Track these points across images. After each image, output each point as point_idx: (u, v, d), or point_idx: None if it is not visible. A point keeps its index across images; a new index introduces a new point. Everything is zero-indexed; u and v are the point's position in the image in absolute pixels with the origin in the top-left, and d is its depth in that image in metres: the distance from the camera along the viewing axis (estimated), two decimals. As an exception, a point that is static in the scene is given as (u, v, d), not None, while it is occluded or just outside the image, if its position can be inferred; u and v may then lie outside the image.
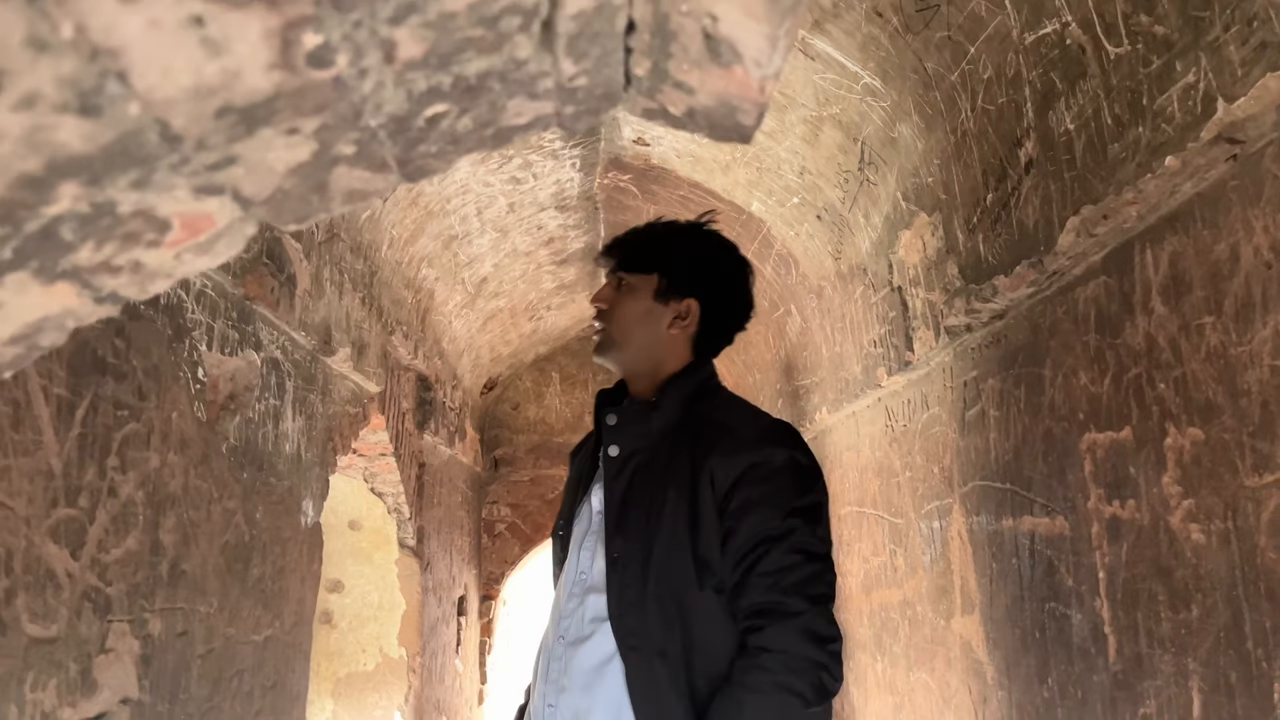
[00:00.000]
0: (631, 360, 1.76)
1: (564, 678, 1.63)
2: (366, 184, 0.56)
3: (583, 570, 1.69)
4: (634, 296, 1.74)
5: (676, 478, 1.63)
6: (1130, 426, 1.58)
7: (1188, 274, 1.41)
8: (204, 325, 1.83)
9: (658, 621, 1.57)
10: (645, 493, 1.64)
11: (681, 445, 1.66)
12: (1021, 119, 1.80)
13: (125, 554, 1.54)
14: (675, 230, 1.81)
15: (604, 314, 1.76)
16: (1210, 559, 1.37)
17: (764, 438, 1.64)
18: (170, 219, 0.50)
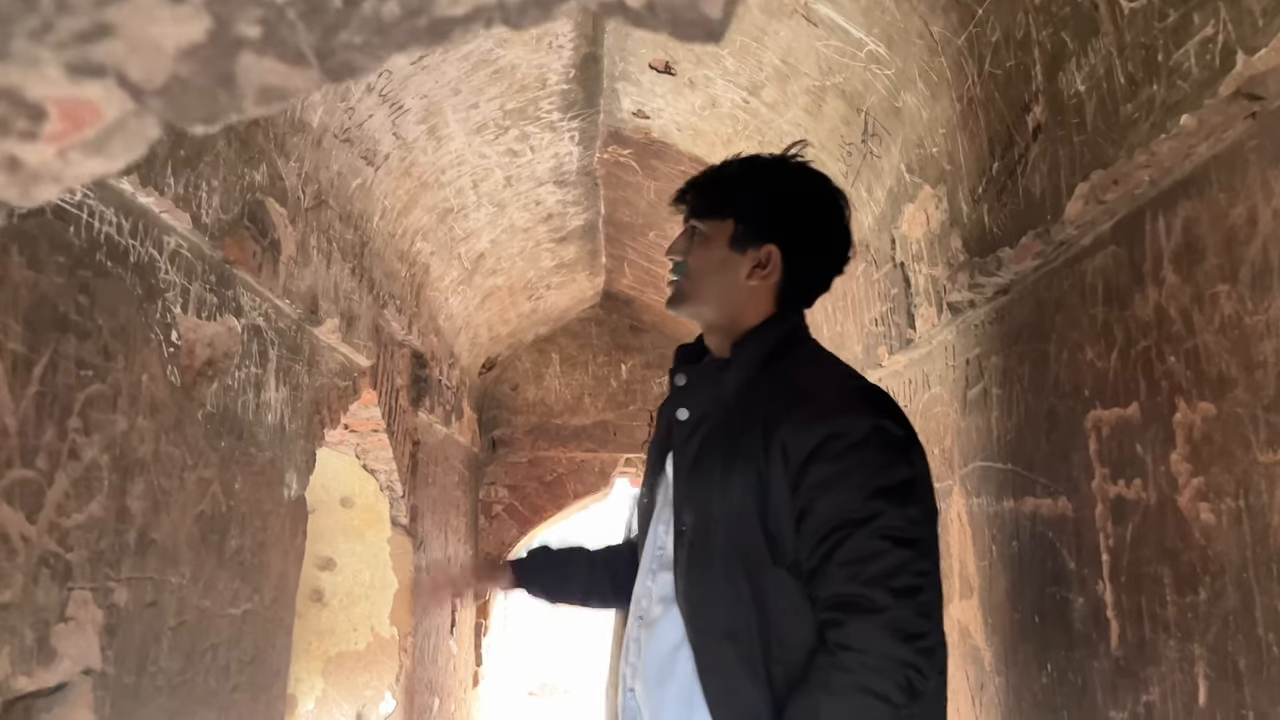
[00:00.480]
0: (709, 314, 1.62)
1: (639, 661, 1.54)
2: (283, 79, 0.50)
3: (659, 545, 1.58)
4: (708, 246, 1.60)
5: (747, 445, 1.47)
6: (1138, 402, 1.52)
7: (1201, 241, 1.34)
8: (178, 287, 1.77)
9: (726, 601, 1.45)
10: (714, 461, 1.51)
11: (754, 409, 1.50)
12: (1030, 83, 1.73)
13: (88, 519, 1.48)
14: (752, 167, 1.65)
15: (679, 266, 1.63)
16: (1220, 540, 1.30)
17: (844, 404, 1.48)
18: (44, 104, 0.44)
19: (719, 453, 1.51)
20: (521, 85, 2.95)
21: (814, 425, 1.43)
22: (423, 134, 2.89)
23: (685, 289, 1.61)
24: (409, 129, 2.80)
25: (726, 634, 1.44)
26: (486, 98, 2.93)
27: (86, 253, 1.46)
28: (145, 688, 1.67)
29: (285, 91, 0.52)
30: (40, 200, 0.50)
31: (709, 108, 3.00)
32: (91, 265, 1.48)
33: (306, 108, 2.27)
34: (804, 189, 1.63)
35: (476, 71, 2.75)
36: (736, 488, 1.47)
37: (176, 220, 1.71)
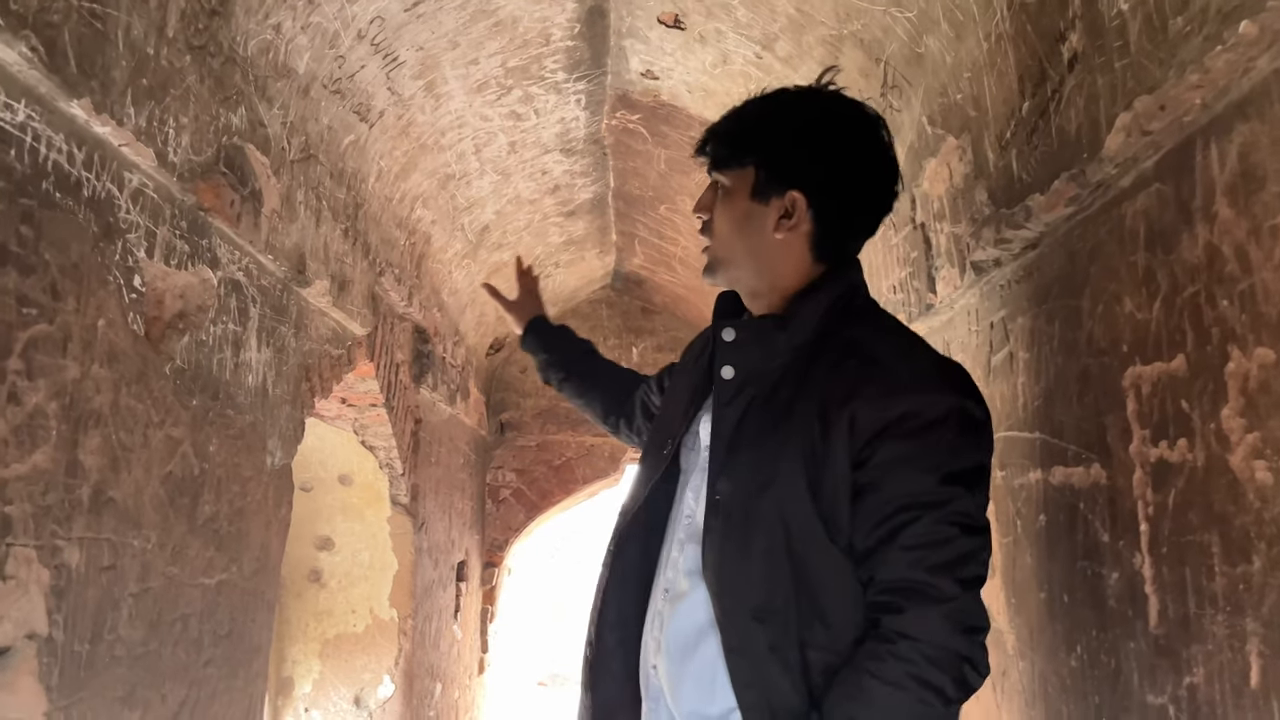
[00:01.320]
0: (747, 278, 1.46)
1: (662, 636, 1.41)
2: None
3: (688, 514, 1.44)
4: (731, 200, 1.44)
5: (802, 413, 1.33)
6: (1184, 354, 1.37)
7: (1260, 167, 1.19)
8: (142, 229, 1.65)
9: (761, 579, 1.31)
10: (762, 427, 1.36)
11: (813, 374, 1.36)
12: (1066, 9, 1.58)
13: (32, 471, 1.36)
14: (774, 104, 1.45)
15: (707, 226, 1.47)
16: (1278, 501, 1.16)
17: (925, 380, 1.35)
18: None
19: (769, 419, 1.37)
20: (524, 40, 2.82)
21: (891, 400, 1.30)
22: (420, 90, 2.76)
23: (716, 253, 1.46)
24: (405, 84, 2.68)
25: (755, 614, 1.31)
26: (487, 53, 2.79)
27: (30, 179, 1.34)
28: (101, 656, 1.55)
29: None
30: None
31: (720, 65, 2.85)
32: (36, 194, 1.35)
33: (291, 51, 2.14)
34: (828, 121, 1.44)
35: (475, 23, 2.62)
36: (787, 459, 1.32)
37: (139, 155, 1.59)
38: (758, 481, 1.34)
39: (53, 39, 1.32)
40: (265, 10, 1.97)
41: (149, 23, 1.58)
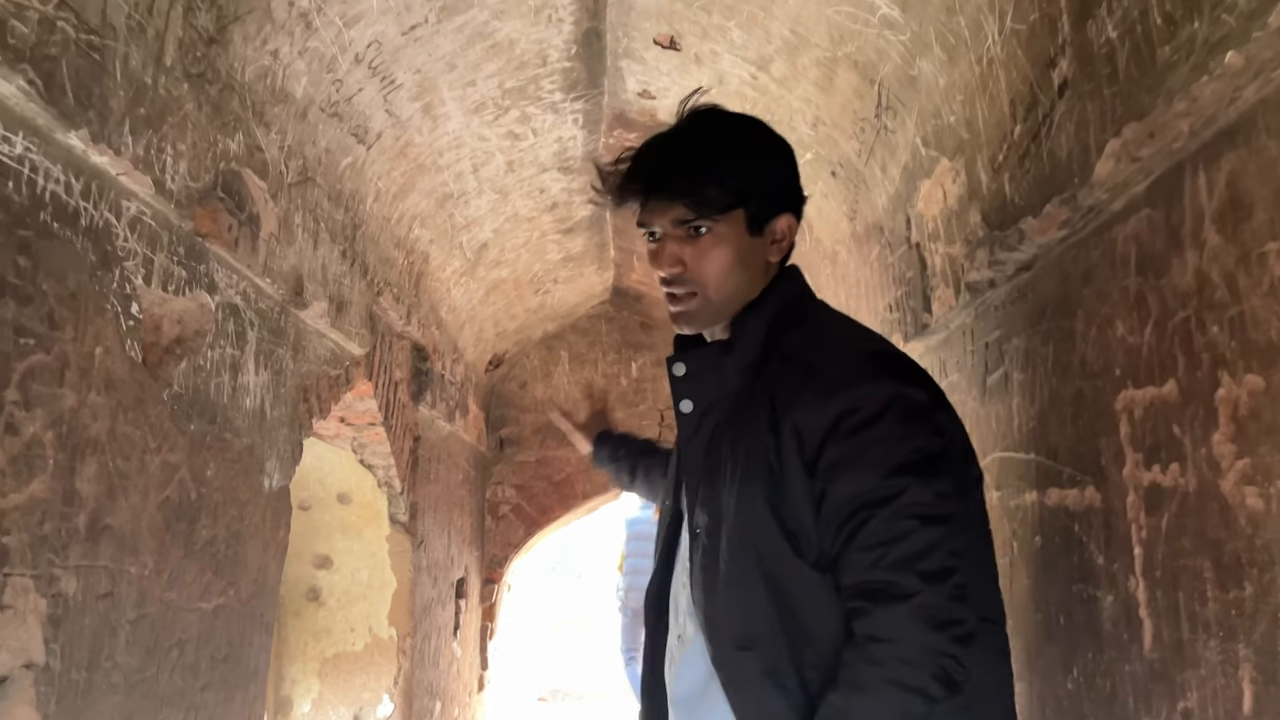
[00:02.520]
0: (731, 312, 1.44)
1: (673, 682, 1.46)
2: None
3: (684, 556, 1.46)
4: (721, 244, 1.38)
5: (754, 434, 1.34)
6: (1175, 379, 1.38)
7: (1249, 194, 1.20)
8: (140, 256, 1.66)
9: (738, 606, 1.31)
10: (723, 455, 1.37)
11: (760, 391, 1.36)
12: (1056, 35, 1.59)
13: (29, 500, 1.36)
14: (733, 142, 1.40)
15: (681, 279, 1.39)
16: (1269, 527, 1.17)
17: (858, 374, 1.32)
18: None
19: (728, 445, 1.38)
20: (521, 62, 2.83)
21: (826, 402, 1.29)
22: (417, 112, 2.78)
23: (710, 299, 1.40)
24: (402, 106, 2.69)
25: (739, 642, 1.31)
26: (484, 75, 2.81)
27: (28, 211, 1.35)
28: (98, 684, 1.56)
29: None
30: None
31: (716, 86, 2.87)
32: (34, 225, 1.36)
33: (289, 76, 2.15)
34: (770, 137, 1.47)
35: (472, 45, 2.63)
36: (748, 482, 1.33)
37: (136, 184, 1.60)
38: (725, 510, 1.35)
39: (51, 71, 1.34)
40: (263, 37, 1.98)
41: (147, 52, 1.59)
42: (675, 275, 1.39)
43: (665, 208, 1.37)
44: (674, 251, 1.38)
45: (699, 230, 1.37)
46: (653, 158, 1.40)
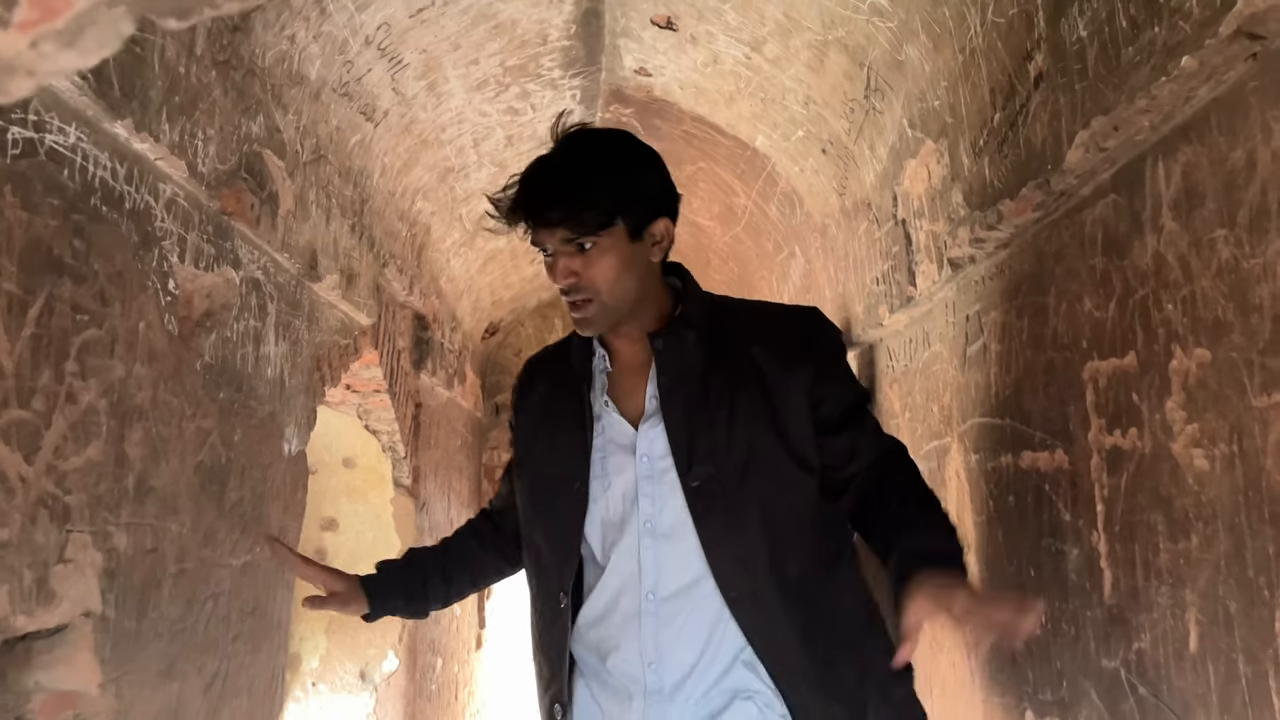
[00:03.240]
0: (632, 311, 1.59)
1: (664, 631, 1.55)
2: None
3: (647, 519, 1.56)
4: (607, 255, 1.51)
5: (744, 388, 1.57)
6: (1134, 351, 1.51)
7: (1201, 185, 1.33)
8: (175, 235, 1.77)
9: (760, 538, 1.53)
10: (714, 415, 1.56)
11: (732, 353, 1.60)
12: (1032, 30, 1.71)
13: (86, 463, 1.49)
14: (602, 162, 1.54)
15: (577, 288, 1.53)
16: (1213, 485, 1.30)
17: (819, 321, 1.69)
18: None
19: (716, 405, 1.56)
20: (522, 41, 2.93)
21: (818, 343, 1.64)
22: (422, 90, 2.87)
23: (605, 304, 1.54)
24: (408, 85, 2.79)
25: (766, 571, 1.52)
26: (487, 54, 2.91)
27: (81, 196, 1.46)
28: (146, 632, 1.69)
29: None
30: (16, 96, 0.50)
31: (711, 65, 2.97)
32: (86, 209, 1.47)
33: (304, 59, 2.25)
34: (648, 154, 1.61)
35: (476, 26, 2.73)
36: (753, 423, 1.56)
37: (172, 168, 1.71)
38: (734, 457, 1.54)
39: (100, 66, 1.44)
40: (281, 23, 2.08)
41: (180, 44, 1.70)
42: (570, 285, 1.52)
43: (551, 231, 1.50)
44: (566, 265, 1.51)
45: (584, 246, 1.50)
46: (533, 188, 1.53)
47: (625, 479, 1.59)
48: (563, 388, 1.68)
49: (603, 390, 1.65)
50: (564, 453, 1.63)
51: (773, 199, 3.63)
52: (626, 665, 1.56)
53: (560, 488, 1.62)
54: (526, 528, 1.72)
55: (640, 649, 1.55)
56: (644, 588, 1.56)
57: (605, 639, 1.59)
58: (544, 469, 1.67)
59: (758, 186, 3.59)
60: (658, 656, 1.55)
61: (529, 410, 1.76)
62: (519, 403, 1.80)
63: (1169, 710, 1.41)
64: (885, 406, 2.94)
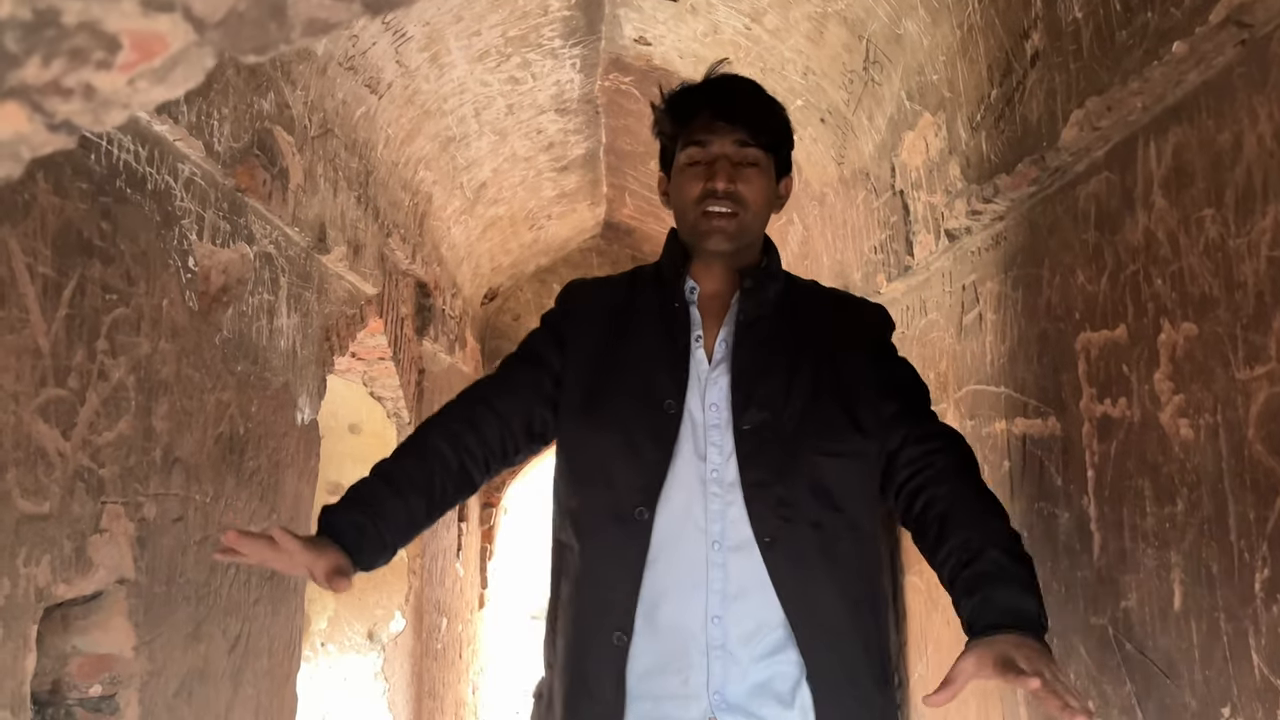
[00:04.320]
0: (753, 246, 1.63)
1: (730, 585, 1.48)
2: (328, 12, 0.54)
3: (714, 469, 1.51)
4: (764, 177, 1.58)
5: (812, 344, 1.59)
6: (1125, 324, 1.57)
7: (1190, 165, 1.38)
8: (194, 214, 1.81)
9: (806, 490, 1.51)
10: (776, 361, 1.56)
11: (804, 316, 1.63)
12: (1030, 9, 1.75)
13: (118, 437, 1.54)
14: (770, 97, 1.63)
15: (734, 195, 1.54)
16: (1198, 453, 1.37)
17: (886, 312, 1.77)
18: (119, 36, 0.49)
19: (780, 351, 1.57)
20: (524, 12, 2.95)
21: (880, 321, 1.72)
22: (425, 62, 2.90)
23: (740, 225, 1.56)
24: (411, 57, 2.81)
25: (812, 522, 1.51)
26: (488, 25, 2.93)
27: (107, 179, 1.50)
28: (175, 596, 1.76)
29: (329, 23, 0.56)
30: (110, 125, 0.55)
31: (711, 34, 3.00)
32: (112, 192, 1.52)
33: (311, 35, 2.28)
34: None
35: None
36: (818, 380, 1.56)
37: (190, 148, 1.75)
38: (791, 408, 1.54)
39: (122, 52, 1.48)
40: (290, 0, 2.10)
41: (196, 26, 1.73)
42: (730, 191, 1.54)
43: (730, 130, 1.54)
44: (729, 170, 1.54)
45: (750, 159, 1.56)
46: (728, 85, 1.60)
47: (696, 426, 1.54)
48: (647, 305, 1.62)
49: (697, 324, 1.60)
50: (655, 367, 1.55)
51: (771, 166, 3.66)
52: (683, 618, 1.47)
53: (648, 400, 1.53)
54: (579, 435, 1.57)
55: (705, 603, 1.47)
56: (709, 537, 1.49)
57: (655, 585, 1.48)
58: (629, 382, 1.55)
59: (756, 154, 3.63)
60: (724, 610, 1.47)
61: (592, 318, 1.63)
62: (574, 308, 1.66)
63: (1154, 665, 1.49)
64: (882, 372, 3.00)
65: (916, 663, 2.74)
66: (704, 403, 1.55)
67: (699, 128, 1.55)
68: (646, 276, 1.70)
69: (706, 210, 1.55)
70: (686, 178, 1.58)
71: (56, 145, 0.55)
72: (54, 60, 0.48)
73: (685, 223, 1.61)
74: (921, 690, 2.70)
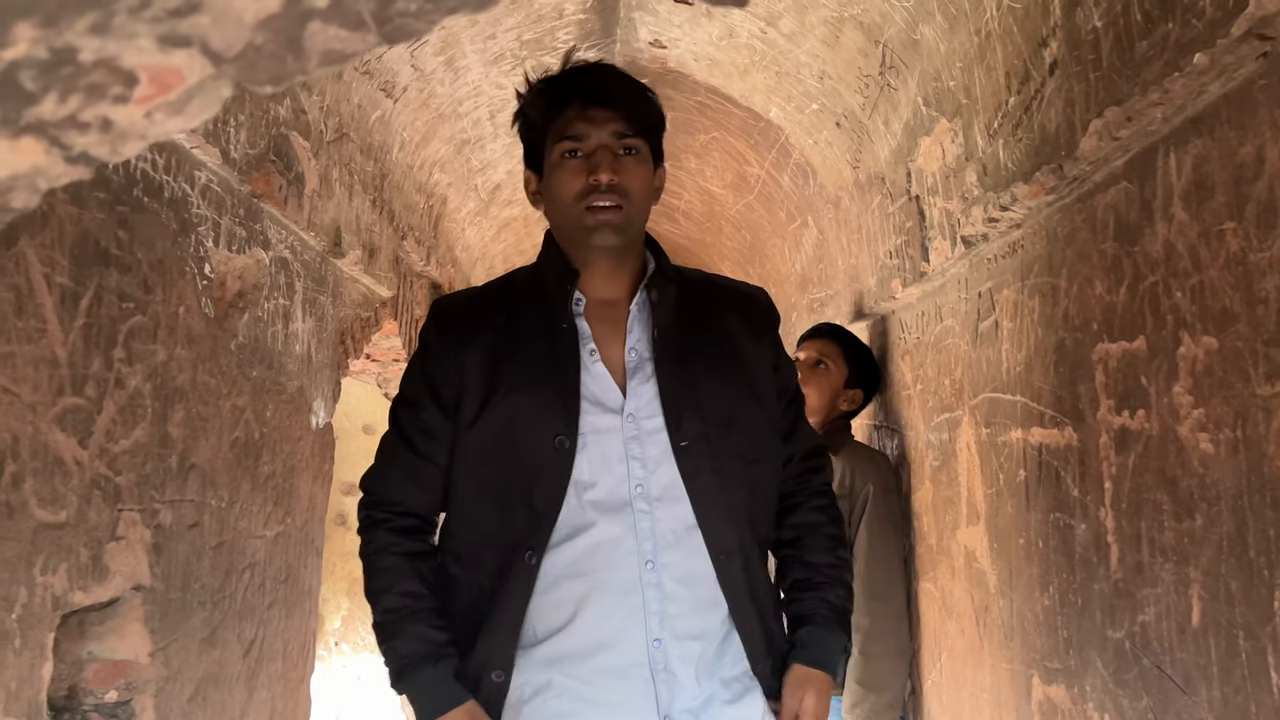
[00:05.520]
0: (632, 240, 1.55)
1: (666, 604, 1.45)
2: (344, 44, 0.54)
3: (638, 483, 1.47)
4: (643, 166, 1.51)
5: (721, 345, 1.58)
6: (1144, 336, 1.56)
7: (1211, 178, 1.37)
8: (210, 221, 1.82)
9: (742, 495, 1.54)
10: (695, 370, 1.52)
11: (704, 315, 1.59)
12: (1048, 17, 1.73)
13: (134, 445, 1.55)
14: (638, 80, 1.59)
15: (617, 188, 1.46)
16: (1217, 468, 1.36)
17: (770, 301, 1.74)
18: (136, 71, 0.49)
19: (696, 358, 1.54)
20: (539, 15, 2.95)
21: (771, 316, 1.71)
22: (440, 65, 2.90)
23: (626, 217, 1.48)
24: (427, 60, 2.82)
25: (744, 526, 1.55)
26: (504, 28, 2.93)
27: (124, 189, 1.51)
28: (190, 602, 1.77)
29: (345, 55, 0.56)
30: (127, 155, 0.55)
31: (726, 38, 2.99)
32: (129, 201, 1.53)
33: (327, 41, 2.28)
34: None
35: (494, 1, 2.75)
36: (738, 384, 1.58)
37: (206, 155, 1.75)
38: (717, 414, 1.53)
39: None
40: (306, 6, 2.11)
41: (213, 33, 1.73)
42: (611, 183, 1.45)
43: (606, 119, 1.47)
44: (610, 161, 1.46)
45: (630, 149, 1.49)
46: (596, 73, 1.54)
47: (609, 440, 1.47)
48: (530, 328, 1.52)
49: (588, 338, 1.52)
50: (543, 400, 1.47)
51: (786, 169, 3.66)
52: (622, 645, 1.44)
53: (537, 439, 1.45)
54: (476, 472, 1.51)
55: (644, 625, 1.44)
56: (642, 556, 1.45)
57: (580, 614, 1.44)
58: (515, 416, 1.48)
59: (771, 157, 3.62)
60: (665, 632, 1.44)
61: (475, 347, 1.53)
62: (451, 339, 1.55)
63: (1172, 681, 1.48)
64: (897, 378, 2.99)
65: (930, 669, 2.73)
66: (621, 418, 1.48)
67: (572, 119, 1.47)
68: (523, 288, 1.60)
69: (590, 205, 1.46)
70: (564, 173, 1.49)
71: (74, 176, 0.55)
72: (71, 96, 0.48)
73: (566, 221, 1.52)
74: (935, 697, 2.70)
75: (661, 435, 1.48)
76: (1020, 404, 2.05)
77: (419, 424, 1.54)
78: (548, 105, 1.51)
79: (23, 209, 0.55)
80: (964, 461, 2.42)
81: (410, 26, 0.56)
